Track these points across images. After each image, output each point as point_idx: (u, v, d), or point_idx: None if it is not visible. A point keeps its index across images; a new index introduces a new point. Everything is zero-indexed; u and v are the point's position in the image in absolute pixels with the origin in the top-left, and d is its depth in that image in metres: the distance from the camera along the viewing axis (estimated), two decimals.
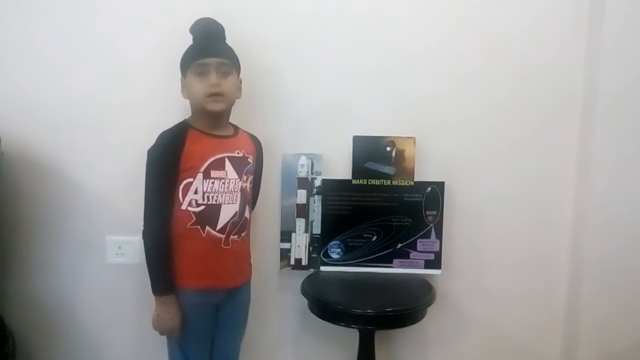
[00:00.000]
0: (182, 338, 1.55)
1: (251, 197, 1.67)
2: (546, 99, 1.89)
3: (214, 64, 1.53)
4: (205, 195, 1.52)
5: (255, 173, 1.70)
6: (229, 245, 1.56)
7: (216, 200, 1.53)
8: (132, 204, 1.83)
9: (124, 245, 1.86)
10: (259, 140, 1.73)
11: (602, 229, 1.87)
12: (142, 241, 1.53)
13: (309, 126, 1.88)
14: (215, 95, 1.53)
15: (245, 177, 1.61)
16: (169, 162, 1.50)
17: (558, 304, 1.97)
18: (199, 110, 1.56)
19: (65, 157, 1.85)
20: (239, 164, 1.59)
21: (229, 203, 1.56)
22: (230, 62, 1.57)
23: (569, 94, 1.89)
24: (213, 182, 1.53)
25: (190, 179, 1.51)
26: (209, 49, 1.55)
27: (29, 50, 1.81)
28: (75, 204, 1.87)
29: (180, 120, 1.62)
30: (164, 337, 1.60)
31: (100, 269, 1.88)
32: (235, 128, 1.66)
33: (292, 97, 1.87)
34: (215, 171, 1.53)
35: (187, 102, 1.61)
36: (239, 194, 1.58)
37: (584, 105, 1.88)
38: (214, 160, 1.53)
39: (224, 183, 1.54)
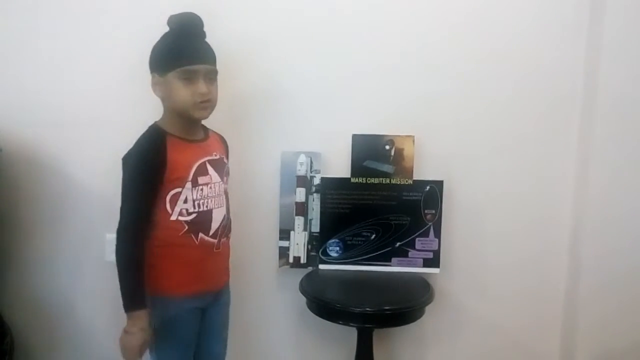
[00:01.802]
0: (170, 345, 1.50)
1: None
2: (546, 98, 1.89)
3: (203, 70, 1.45)
4: (196, 202, 1.46)
5: None
6: (220, 248, 1.54)
7: (207, 206, 1.49)
8: None
9: None
10: (225, 139, 1.67)
11: (600, 228, 1.87)
12: (115, 255, 1.43)
13: (308, 124, 1.88)
14: (204, 103, 1.47)
15: (225, 179, 1.58)
16: (153, 174, 1.41)
17: (556, 302, 1.97)
18: (178, 115, 1.47)
19: (64, 154, 1.85)
20: (218, 167, 1.54)
21: (218, 207, 1.52)
22: (216, 67, 1.51)
23: (568, 94, 1.89)
24: (202, 189, 1.48)
25: (179, 189, 1.44)
26: (198, 54, 1.46)
27: (28, 48, 1.81)
28: (75, 201, 1.87)
29: None
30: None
31: (99, 266, 1.88)
32: (205, 129, 1.59)
33: (291, 95, 1.87)
34: (202, 177, 1.48)
35: None
36: (224, 196, 1.56)
37: (584, 104, 1.88)
38: (198, 167, 1.47)
39: (211, 188, 1.50)
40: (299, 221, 1.86)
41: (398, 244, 1.84)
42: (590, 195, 1.87)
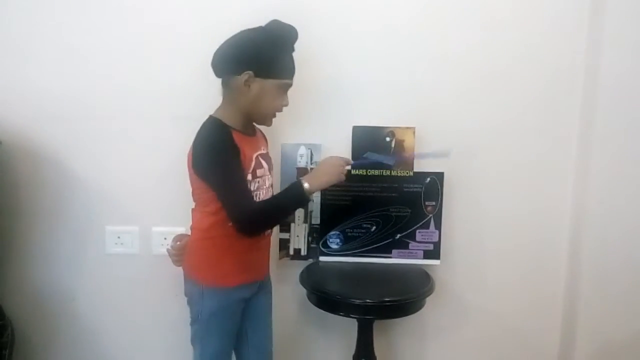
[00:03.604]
0: (215, 336, 1.54)
1: None
2: (546, 90, 1.89)
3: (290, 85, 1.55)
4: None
5: None
6: (265, 238, 1.59)
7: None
8: (131, 195, 1.84)
9: (123, 235, 1.87)
10: (265, 135, 1.71)
11: (601, 219, 1.87)
12: (256, 227, 1.47)
13: (309, 116, 1.87)
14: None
15: (271, 173, 1.61)
16: (237, 157, 1.44)
17: (557, 293, 1.98)
18: (248, 115, 1.53)
19: (64, 147, 1.85)
20: (267, 161, 1.59)
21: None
22: None
23: (569, 85, 1.88)
24: (258, 181, 1.52)
25: None
26: (295, 70, 1.55)
27: (29, 40, 1.80)
28: (75, 194, 1.87)
29: (207, 112, 1.54)
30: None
31: (99, 258, 1.89)
32: (253, 126, 1.63)
33: (291, 87, 1.86)
34: (259, 170, 1.52)
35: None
36: (271, 189, 1.60)
37: (584, 97, 1.87)
38: (256, 160, 1.52)
39: (264, 180, 1.55)
40: (299, 213, 1.86)
41: (398, 235, 1.84)
42: (590, 187, 1.87)
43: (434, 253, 1.84)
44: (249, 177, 1.49)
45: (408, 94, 1.87)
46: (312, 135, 1.86)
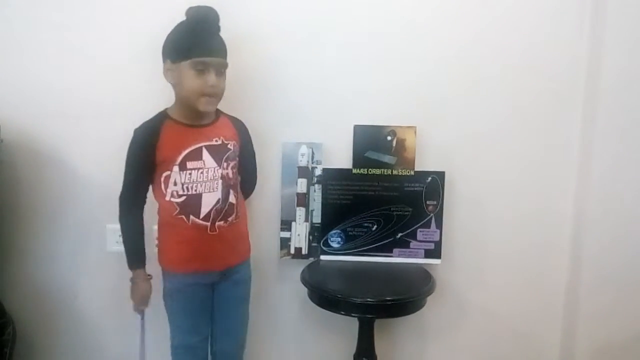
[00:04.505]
0: (178, 316, 1.61)
1: (236, 183, 1.64)
2: (548, 89, 1.89)
3: (215, 63, 1.51)
4: (185, 186, 1.53)
5: (244, 156, 1.68)
6: (216, 231, 1.57)
7: (196, 190, 1.54)
8: None
9: None
10: (241, 123, 1.69)
11: (602, 219, 1.87)
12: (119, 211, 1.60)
13: (310, 115, 1.87)
14: (211, 96, 1.53)
15: (225, 164, 1.58)
16: (143, 155, 1.53)
17: (557, 293, 1.98)
18: (185, 103, 1.55)
19: (65, 145, 1.85)
20: (217, 152, 1.57)
21: (209, 192, 1.55)
22: (226, 61, 1.56)
23: (570, 85, 1.89)
24: (190, 173, 1.53)
25: (168, 172, 1.53)
26: (212, 47, 1.52)
27: (30, 39, 1.80)
28: (76, 192, 1.87)
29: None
30: (165, 328, 1.62)
31: (100, 256, 1.89)
32: (217, 113, 1.63)
33: (292, 86, 1.86)
34: (192, 162, 1.53)
35: None
36: (220, 181, 1.57)
37: (586, 97, 1.87)
38: (190, 152, 1.53)
39: (202, 173, 1.54)
40: (300, 212, 1.86)
41: (399, 234, 1.84)
42: (591, 187, 1.87)
43: (435, 252, 1.84)
44: (175, 168, 1.52)
45: (409, 93, 1.87)
46: (313, 134, 1.86)
